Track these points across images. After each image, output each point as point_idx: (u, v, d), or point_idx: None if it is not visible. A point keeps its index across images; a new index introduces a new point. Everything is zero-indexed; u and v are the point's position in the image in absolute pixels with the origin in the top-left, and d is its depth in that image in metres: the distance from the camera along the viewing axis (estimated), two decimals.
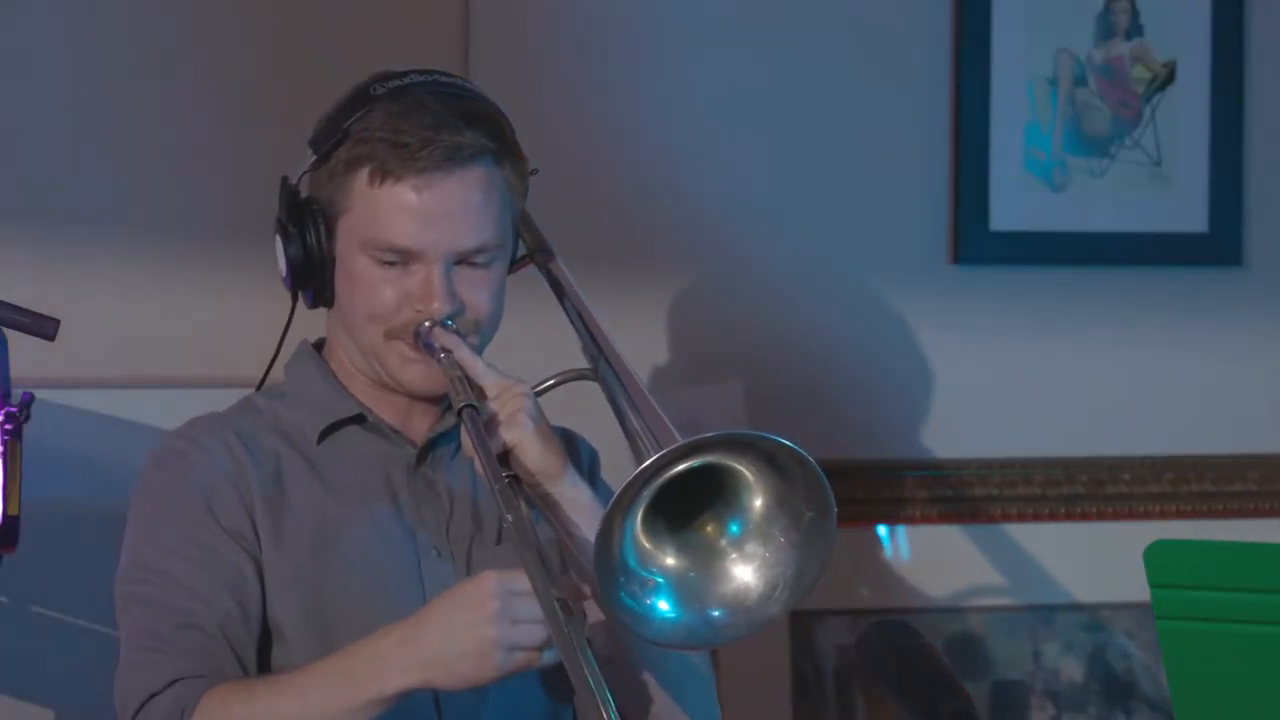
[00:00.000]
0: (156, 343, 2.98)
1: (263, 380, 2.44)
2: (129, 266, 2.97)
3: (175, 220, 2.99)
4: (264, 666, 2.27)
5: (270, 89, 3.00)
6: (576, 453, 2.44)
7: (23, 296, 2.21)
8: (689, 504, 2.08)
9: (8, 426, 2.14)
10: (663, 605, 2.08)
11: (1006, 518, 3.33)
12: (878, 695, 3.20)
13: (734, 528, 2.10)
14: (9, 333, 2.20)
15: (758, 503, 2.09)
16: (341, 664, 2.16)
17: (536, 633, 2.08)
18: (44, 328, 2.18)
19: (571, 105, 3.15)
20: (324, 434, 2.35)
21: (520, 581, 2.07)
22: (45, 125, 2.96)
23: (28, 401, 2.16)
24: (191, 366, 2.98)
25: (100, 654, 2.82)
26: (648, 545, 2.08)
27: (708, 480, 2.07)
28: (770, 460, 2.06)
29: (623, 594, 2.05)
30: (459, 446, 2.34)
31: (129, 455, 2.87)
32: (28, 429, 2.16)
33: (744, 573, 2.10)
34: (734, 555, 2.10)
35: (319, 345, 2.43)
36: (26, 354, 2.23)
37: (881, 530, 3.28)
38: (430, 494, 2.35)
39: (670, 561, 2.09)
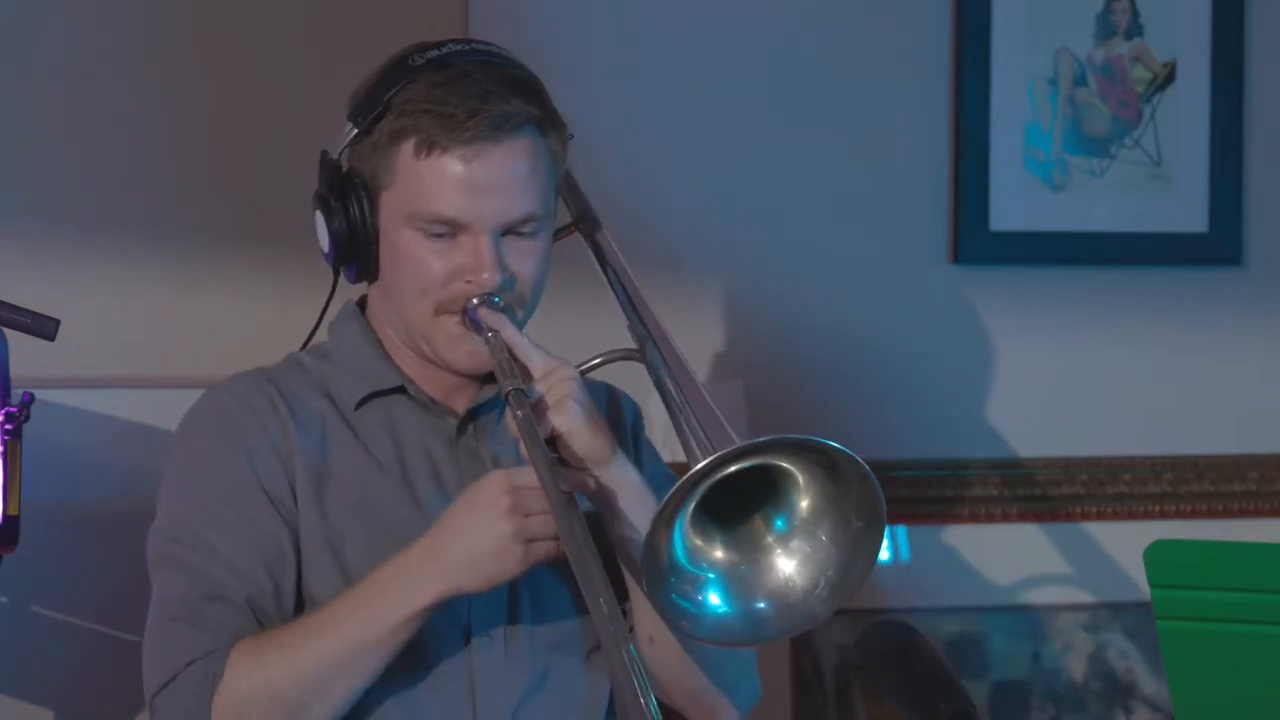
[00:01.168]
0: (156, 343, 2.98)
1: (306, 343, 2.43)
2: (129, 266, 2.97)
3: (176, 220, 2.99)
4: None
5: (271, 89, 3.00)
6: (619, 410, 2.44)
7: (23, 296, 2.21)
8: (737, 495, 2.08)
9: (8, 426, 2.14)
10: (714, 599, 2.08)
11: (1007, 517, 3.33)
12: (878, 695, 3.19)
13: (780, 523, 2.10)
14: (9, 333, 2.20)
15: (805, 503, 2.09)
16: (368, 591, 2.16)
17: (551, 523, 2.09)
18: (44, 328, 2.18)
19: (571, 104, 3.14)
20: (363, 400, 2.34)
21: (527, 476, 2.10)
22: (45, 125, 2.96)
23: (28, 401, 2.16)
24: (192, 366, 2.97)
25: (100, 654, 2.83)
26: (698, 542, 2.08)
27: (758, 474, 2.07)
28: (827, 465, 2.06)
29: (674, 594, 2.05)
30: (500, 414, 2.33)
31: (129, 455, 2.88)
32: (28, 429, 2.16)
33: (787, 566, 2.10)
34: (779, 550, 2.10)
35: (362, 305, 2.41)
36: (26, 354, 2.23)
37: None
38: (474, 465, 2.33)
39: (719, 555, 2.09)
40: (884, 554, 3.29)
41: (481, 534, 2.12)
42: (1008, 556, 3.33)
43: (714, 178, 3.21)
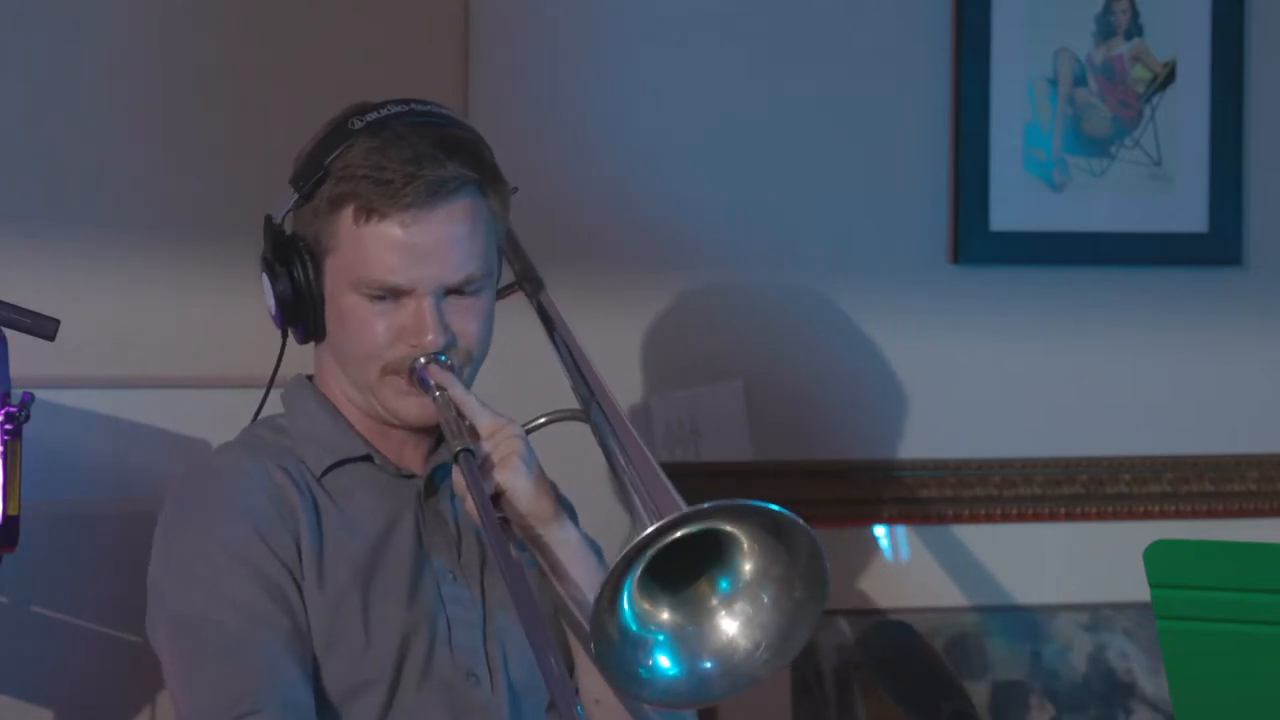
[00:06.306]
0: (156, 343, 2.98)
1: (257, 413, 2.45)
2: (129, 266, 2.97)
3: (175, 220, 2.99)
4: None
5: (271, 89, 3.00)
6: None
7: (23, 296, 2.21)
8: (683, 555, 2.08)
9: (8, 426, 2.14)
10: (664, 661, 2.09)
11: (1007, 518, 3.33)
12: (878, 695, 3.19)
13: (724, 584, 2.11)
14: (9, 333, 2.20)
15: (749, 566, 2.10)
16: None
17: None
18: (44, 328, 2.18)
19: (573, 106, 3.15)
20: (330, 468, 2.36)
21: None
22: (45, 125, 2.96)
23: (28, 401, 2.16)
24: (191, 366, 2.97)
25: (100, 654, 2.83)
26: (645, 606, 2.09)
27: (704, 535, 2.07)
28: (775, 530, 2.07)
29: (628, 664, 2.06)
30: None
31: (129, 455, 2.88)
32: (28, 429, 2.16)
33: (730, 627, 2.11)
34: (723, 611, 2.11)
35: (310, 377, 2.44)
36: (26, 354, 2.23)
37: (881, 530, 3.28)
38: (439, 523, 2.37)
39: (666, 617, 2.10)
40: (884, 554, 3.29)
41: None
42: (1008, 556, 3.33)
43: (713, 178, 3.21)
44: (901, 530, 3.30)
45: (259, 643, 2.23)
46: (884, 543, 3.29)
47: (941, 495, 3.30)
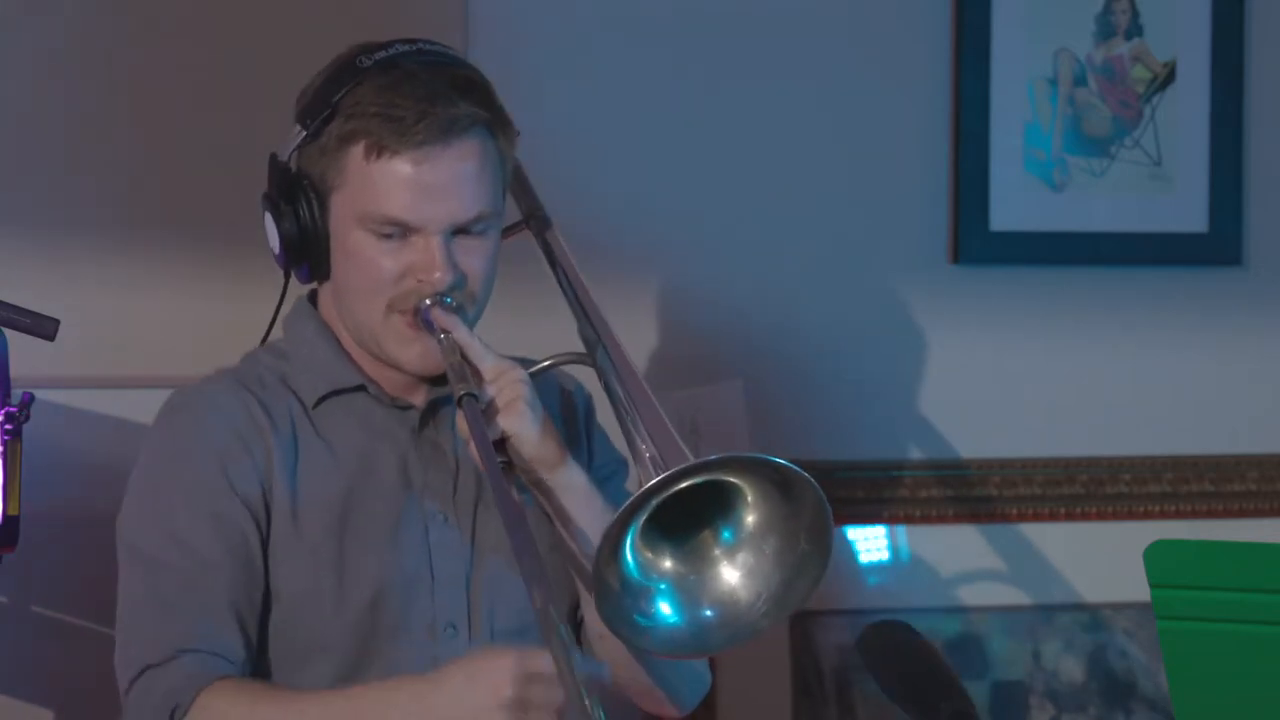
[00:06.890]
0: (156, 343, 2.98)
1: (264, 340, 2.45)
2: (129, 266, 2.97)
3: (174, 220, 2.99)
4: (260, 630, 2.29)
5: (270, 88, 3.00)
6: (572, 403, 2.46)
7: (23, 296, 2.21)
8: (686, 505, 2.08)
9: (8, 426, 2.14)
10: (665, 609, 2.08)
11: (1007, 518, 3.33)
12: (878, 695, 3.19)
13: (727, 535, 2.10)
14: (9, 333, 2.20)
15: (753, 518, 2.09)
16: (349, 703, 2.17)
17: (549, 717, 2.08)
18: (44, 328, 2.18)
19: (573, 103, 3.15)
20: (323, 398, 2.35)
21: (539, 663, 2.07)
22: (45, 126, 2.96)
23: (28, 401, 2.16)
24: (191, 366, 2.97)
25: (100, 654, 2.83)
26: (648, 554, 2.08)
27: (709, 487, 2.07)
28: (781, 484, 2.06)
29: (628, 611, 2.05)
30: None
31: (129, 455, 2.88)
32: (28, 429, 2.16)
33: (732, 577, 2.10)
34: (725, 561, 2.11)
35: (312, 300, 2.42)
36: (26, 354, 2.23)
37: (881, 530, 3.28)
38: (437, 455, 2.35)
39: (668, 565, 2.10)
40: (884, 554, 3.30)
41: (471, 712, 2.09)
42: (1008, 556, 3.33)
43: (714, 177, 3.21)
44: (901, 530, 3.30)
45: (203, 589, 2.24)
46: (884, 543, 3.29)
47: (941, 495, 3.30)
